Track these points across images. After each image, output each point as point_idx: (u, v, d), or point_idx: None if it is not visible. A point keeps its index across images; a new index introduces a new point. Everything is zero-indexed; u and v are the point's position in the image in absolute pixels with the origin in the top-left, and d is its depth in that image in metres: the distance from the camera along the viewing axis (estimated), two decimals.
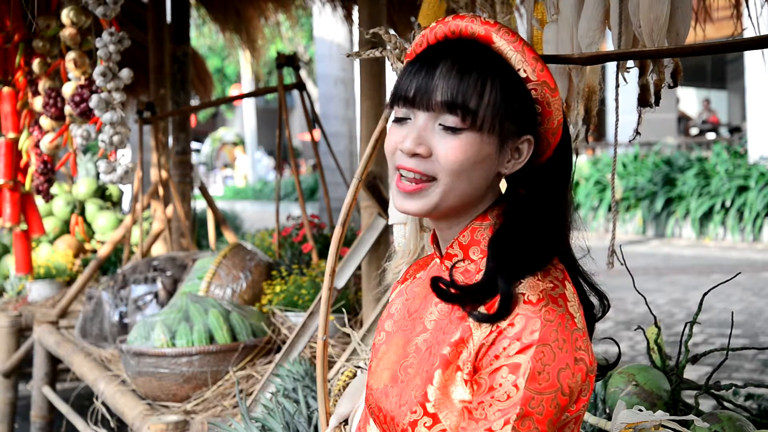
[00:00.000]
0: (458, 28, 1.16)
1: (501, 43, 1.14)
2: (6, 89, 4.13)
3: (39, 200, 4.50)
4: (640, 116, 1.74)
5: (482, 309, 1.10)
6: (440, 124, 1.13)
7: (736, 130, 16.22)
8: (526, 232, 1.14)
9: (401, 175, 1.17)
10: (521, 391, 1.04)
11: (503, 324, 1.07)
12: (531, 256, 1.11)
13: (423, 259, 1.38)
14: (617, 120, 1.77)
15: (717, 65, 17.53)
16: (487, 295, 1.10)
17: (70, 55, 3.38)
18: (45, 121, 3.86)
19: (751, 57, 11.37)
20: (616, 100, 1.76)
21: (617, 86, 1.74)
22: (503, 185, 1.24)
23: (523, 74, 1.14)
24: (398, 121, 1.18)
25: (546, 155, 1.19)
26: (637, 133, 1.73)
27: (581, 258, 1.24)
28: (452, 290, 1.12)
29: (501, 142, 1.15)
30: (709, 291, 2.00)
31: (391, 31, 1.77)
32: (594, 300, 1.23)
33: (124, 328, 3.75)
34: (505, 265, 1.10)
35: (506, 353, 1.06)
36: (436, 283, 1.13)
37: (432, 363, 1.13)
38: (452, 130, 1.13)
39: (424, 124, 1.14)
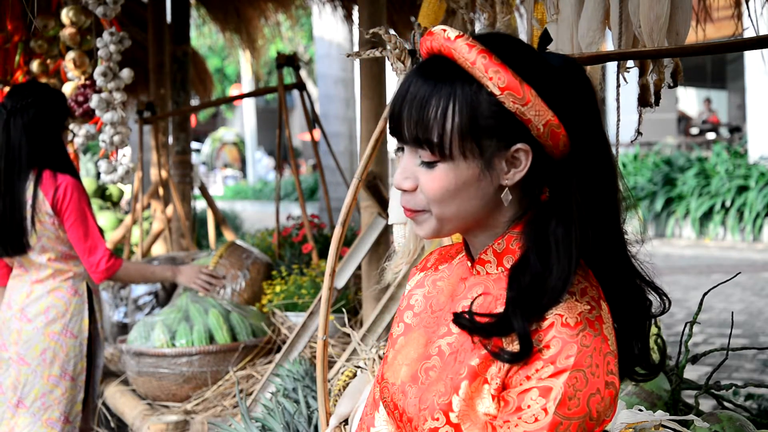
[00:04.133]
0: (431, 45, 1.14)
1: (461, 59, 1.09)
2: (7, 89, 4.13)
3: None
4: (640, 116, 1.74)
5: (506, 342, 1.07)
6: (419, 157, 1.13)
7: (736, 130, 16.22)
8: (543, 256, 1.08)
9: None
10: (550, 416, 1.02)
11: (539, 345, 1.05)
12: (550, 287, 1.06)
13: (446, 248, 1.34)
14: (618, 120, 1.76)
15: (717, 65, 17.52)
16: (506, 333, 1.07)
17: (70, 55, 3.38)
18: None
19: (751, 57, 11.37)
20: (617, 100, 1.76)
21: (618, 86, 1.74)
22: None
23: (488, 89, 1.08)
24: (398, 150, 1.19)
25: (558, 152, 1.11)
26: (639, 133, 1.73)
27: (640, 260, 1.18)
28: (472, 324, 1.09)
29: (485, 160, 1.10)
30: (709, 291, 2.00)
31: (391, 31, 1.77)
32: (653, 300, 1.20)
33: (124, 328, 3.75)
34: (521, 302, 1.06)
35: (538, 375, 1.04)
36: (458, 319, 1.11)
37: (458, 371, 1.12)
38: (427, 164, 1.12)
39: (408, 158, 1.15)
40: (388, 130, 1.19)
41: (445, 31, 1.11)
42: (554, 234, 1.08)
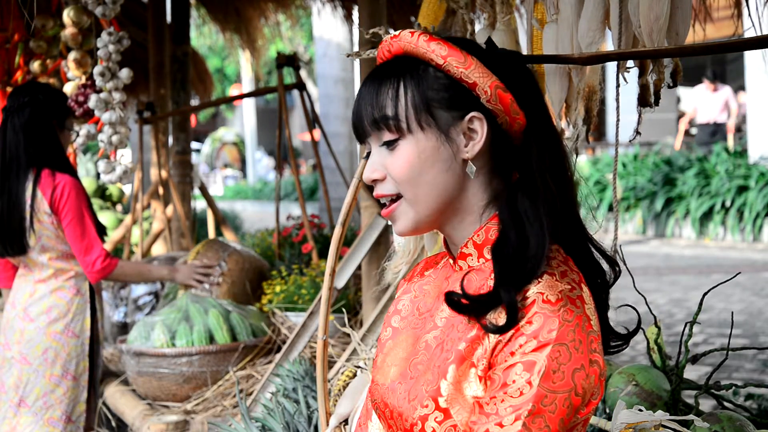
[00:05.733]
0: (381, 52, 1.23)
1: (405, 44, 1.18)
2: (9, 90, 4.13)
3: None
4: (640, 116, 1.74)
5: (492, 317, 1.11)
6: (382, 144, 1.19)
7: (736, 130, 16.22)
8: (518, 229, 1.13)
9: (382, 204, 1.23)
10: (534, 388, 1.04)
11: (521, 322, 1.08)
12: (529, 257, 1.11)
13: (432, 257, 1.38)
14: (618, 120, 1.77)
15: (717, 65, 17.52)
16: (493, 305, 1.10)
17: (72, 55, 3.38)
18: None
19: (751, 57, 11.36)
20: (617, 100, 1.76)
21: (617, 86, 1.74)
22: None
23: (433, 63, 1.16)
24: (367, 156, 1.24)
25: (515, 125, 1.17)
26: (638, 133, 1.73)
27: (592, 230, 1.24)
28: (463, 301, 1.13)
29: (443, 131, 1.16)
30: (709, 291, 1.99)
31: (391, 31, 1.77)
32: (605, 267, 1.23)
33: (124, 328, 3.75)
34: (506, 274, 1.10)
35: (522, 350, 1.06)
36: (450, 297, 1.14)
37: (445, 358, 1.14)
38: (389, 145, 1.18)
39: (375, 150, 1.21)
40: (355, 138, 1.26)
41: (395, 35, 1.21)
42: (522, 206, 1.14)
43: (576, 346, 1.06)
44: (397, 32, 1.20)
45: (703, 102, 13.13)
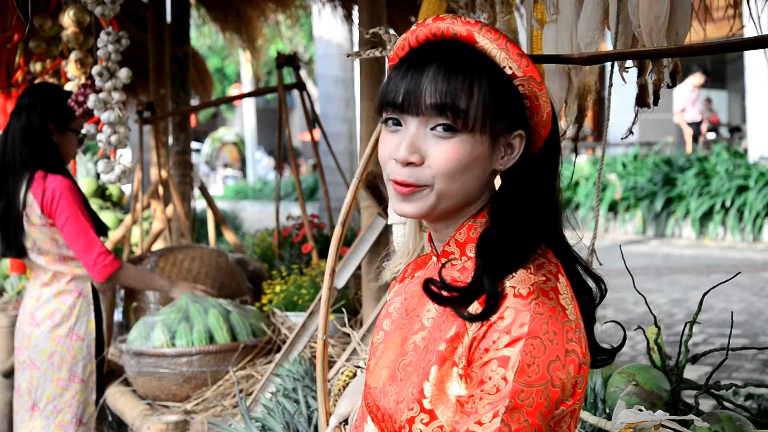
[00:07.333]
0: (439, 29, 1.15)
1: (484, 42, 1.13)
2: (14, 91, 4.15)
3: None
4: (636, 116, 1.74)
5: (472, 308, 1.10)
6: (432, 129, 1.13)
7: (736, 130, 16.21)
8: (511, 225, 1.14)
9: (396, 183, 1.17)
10: (510, 384, 1.04)
11: (493, 317, 1.07)
12: (516, 250, 1.12)
13: (421, 258, 1.38)
14: (608, 120, 1.77)
15: (717, 65, 17.50)
16: (476, 295, 1.10)
17: (74, 55, 3.38)
18: None
19: (751, 57, 11.36)
20: (608, 99, 1.76)
21: (610, 86, 1.75)
22: (497, 182, 1.24)
23: (509, 71, 1.13)
24: (390, 128, 1.17)
25: (537, 146, 1.19)
26: (630, 132, 1.74)
27: (575, 244, 1.24)
28: (443, 292, 1.12)
29: (493, 140, 1.15)
30: (709, 291, 2.00)
31: (391, 31, 1.77)
32: (591, 285, 1.23)
33: (124, 328, 3.75)
34: (491, 264, 1.10)
35: (495, 346, 1.06)
36: (428, 285, 1.13)
37: (428, 360, 1.14)
38: (442, 135, 1.12)
39: (416, 131, 1.13)
40: (384, 102, 1.16)
41: (460, 17, 1.15)
42: (521, 209, 1.15)
43: (550, 338, 1.05)
44: (472, 21, 1.15)
45: (688, 101, 13.15)
